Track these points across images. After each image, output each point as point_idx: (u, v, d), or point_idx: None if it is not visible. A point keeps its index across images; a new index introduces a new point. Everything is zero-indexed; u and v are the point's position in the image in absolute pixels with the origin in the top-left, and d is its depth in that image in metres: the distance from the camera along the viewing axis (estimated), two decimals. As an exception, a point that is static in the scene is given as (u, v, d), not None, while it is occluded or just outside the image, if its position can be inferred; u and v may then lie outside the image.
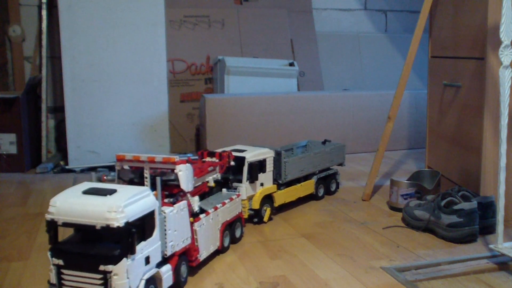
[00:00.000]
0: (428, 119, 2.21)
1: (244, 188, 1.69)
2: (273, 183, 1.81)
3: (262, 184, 1.75)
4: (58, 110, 3.02)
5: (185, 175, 1.29)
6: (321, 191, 2.05)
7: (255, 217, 1.73)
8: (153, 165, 1.30)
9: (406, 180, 1.95)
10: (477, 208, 1.58)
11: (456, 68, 1.94)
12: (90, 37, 2.66)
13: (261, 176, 1.74)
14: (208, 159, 1.58)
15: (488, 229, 1.63)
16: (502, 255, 1.43)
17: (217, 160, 1.56)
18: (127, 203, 1.07)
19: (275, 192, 1.81)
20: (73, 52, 2.65)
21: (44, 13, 2.88)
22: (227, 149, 1.76)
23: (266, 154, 1.78)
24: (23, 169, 2.62)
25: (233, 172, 1.70)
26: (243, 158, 1.69)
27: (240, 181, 1.69)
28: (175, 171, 1.28)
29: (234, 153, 1.69)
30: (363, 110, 3.05)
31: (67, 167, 2.63)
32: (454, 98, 1.95)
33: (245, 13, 3.28)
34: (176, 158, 1.27)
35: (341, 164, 2.15)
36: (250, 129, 2.83)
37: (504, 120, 1.40)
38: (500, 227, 1.42)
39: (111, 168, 2.59)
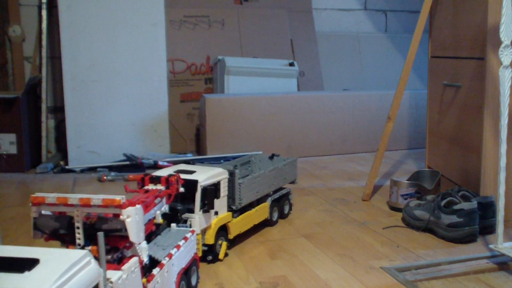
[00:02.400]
0: (428, 119, 2.21)
1: (198, 219, 1.37)
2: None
3: (216, 213, 1.44)
4: (58, 110, 3.02)
5: (135, 222, 0.95)
6: (275, 215, 1.76)
7: (209, 254, 1.43)
8: (88, 210, 0.96)
9: (406, 180, 1.95)
10: (477, 208, 1.58)
11: (456, 68, 1.94)
12: (90, 37, 2.66)
13: (215, 202, 1.43)
14: (151, 186, 1.22)
15: (488, 229, 1.63)
16: (502, 255, 1.43)
17: (163, 188, 1.21)
18: (59, 284, 0.67)
19: (230, 221, 1.50)
20: (73, 52, 2.65)
21: (44, 13, 2.88)
22: (170, 169, 1.45)
23: (220, 175, 1.46)
24: (23, 169, 2.61)
25: (182, 200, 1.36)
26: (195, 182, 1.37)
27: (191, 211, 1.37)
28: (122, 217, 0.93)
29: (183, 176, 1.35)
30: (363, 110, 3.05)
31: (67, 167, 2.63)
32: (454, 98, 1.95)
33: (245, 13, 3.28)
34: (122, 198, 0.94)
35: (293, 182, 1.87)
36: (250, 129, 2.83)
37: (504, 120, 1.40)
38: (500, 227, 1.42)
39: (111, 168, 2.59)
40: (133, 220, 0.94)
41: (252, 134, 2.83)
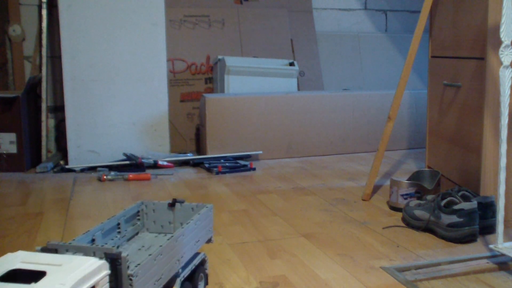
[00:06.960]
0: (428, 119, 2.21)
1: None
2: None
3: None
4: (58, 109, 3.02)
5: None
6: None
7: None
8: None
9: (406, 180, 1.95)
10: (477, 208, 1.58)
11: (456, 68, 1.94)
12: (90, 37, 2.66)
13: None
14: None
15: (488, 229, 1.63)
16: (502, 255, 1.43)
17: None
18: None
19: None
20: (73, 52, 2.64)
21: (44, 12, 2.88)
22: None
23: (94, 275, 0.78)
24: (23, 168, 2.61)
25: None
26: None
27: None
28: None
29: None
30: (363, 110, 3.05)
31: (67, 166, 2.63)
32: (454, 98, 1.96)
33: (245, 13, 3.28)
34: None
35: (209, 240, 1.27)
36: (250, 129, 2.83)
37: (504, 120, 1.40)
38: (500, 227, 1.43)
39: (111, 167, 2.59)
40: None
41: (252, 134, 2.83)
